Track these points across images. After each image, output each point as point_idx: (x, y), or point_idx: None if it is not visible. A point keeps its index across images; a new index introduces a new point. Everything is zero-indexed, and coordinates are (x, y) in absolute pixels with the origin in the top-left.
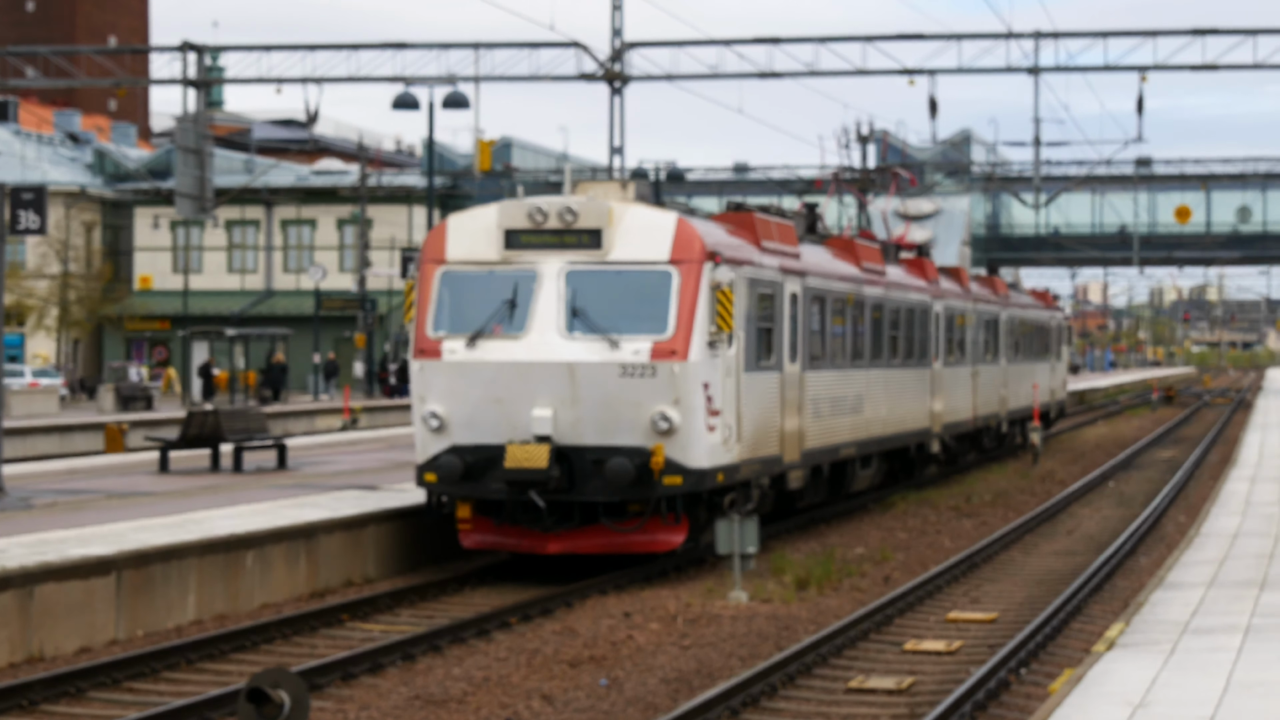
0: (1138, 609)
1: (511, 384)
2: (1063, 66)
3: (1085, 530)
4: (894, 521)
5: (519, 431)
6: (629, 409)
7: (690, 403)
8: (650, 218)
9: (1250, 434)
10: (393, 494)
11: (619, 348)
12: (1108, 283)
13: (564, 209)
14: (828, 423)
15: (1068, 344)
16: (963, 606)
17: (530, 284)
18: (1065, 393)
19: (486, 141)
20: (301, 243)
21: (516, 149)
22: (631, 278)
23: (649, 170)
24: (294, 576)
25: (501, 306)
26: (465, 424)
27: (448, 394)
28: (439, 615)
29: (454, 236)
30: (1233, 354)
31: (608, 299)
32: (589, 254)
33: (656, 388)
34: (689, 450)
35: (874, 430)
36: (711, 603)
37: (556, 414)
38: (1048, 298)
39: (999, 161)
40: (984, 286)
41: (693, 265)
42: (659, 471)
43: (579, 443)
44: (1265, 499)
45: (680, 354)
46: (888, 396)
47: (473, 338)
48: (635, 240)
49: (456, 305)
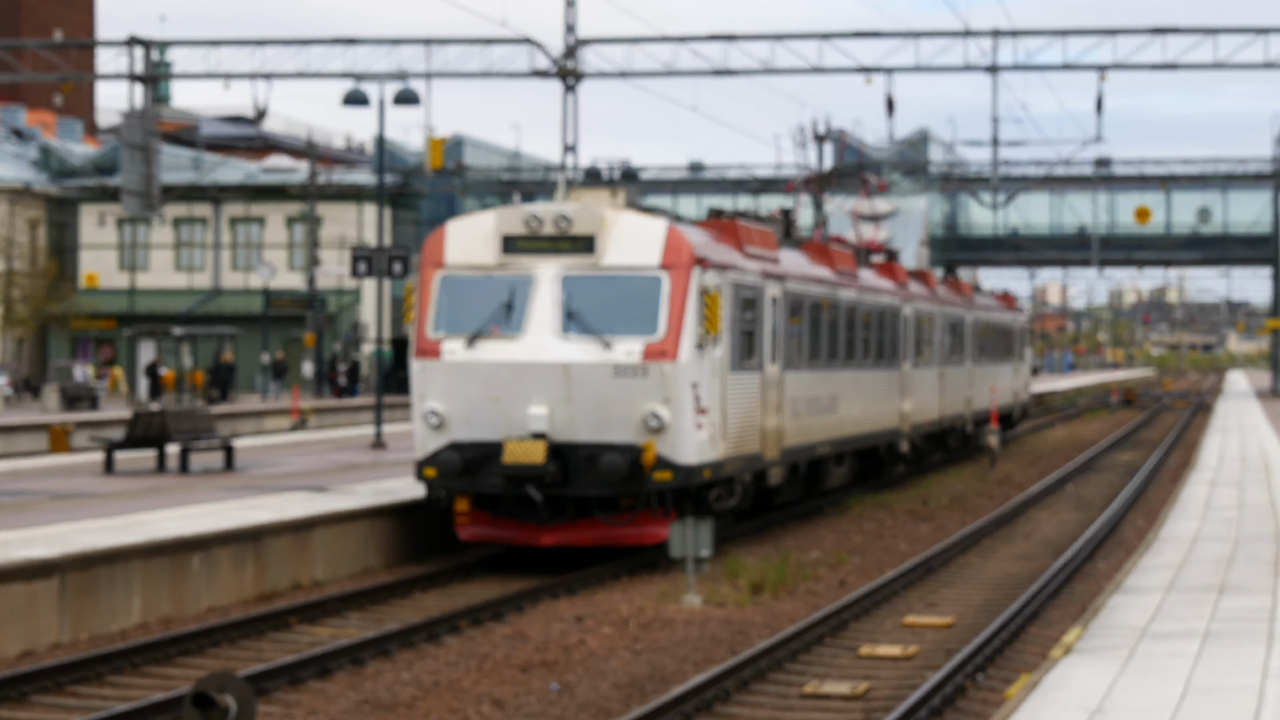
0: (1095, 614)
1: (509, 383)
2: (1021, 65)
3: (1043, 534)
4: (850, 525)
5: (516, 429)
6: (621, 407)
7: (680, 402)
8: (641, 225)
9: (1210, 437)
10: (342, 496)
11: (612, 349)
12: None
13: (559, 216)
14: (805, 422)
15: (1030, 346)
16: (919, 611)
17: (527, 287)
18: (1029, 394)
19: (438, 139)
20: (250, 241)
21: (469, 147)
22: (624, 282)
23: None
24: (241, 579)
25: (499, 309)
26: (464, 421)
27: (447, 392)
28: (388, 619)
29: (453, 241)
30: (1193, 356)
31: (601, 302)
32: (583, 259)
33: (648, 387)
34: (678, 447)
35: (847, 430)
36: (665, 607)
37: (552, 412)
38: (1010, 300)
39: (957, 161)
40: (950, 289)
41: (682, 270)
42: (650, 467)
43: (573, 439)
44: (1225, 503)
45: (670, 355)
46: (860, 397)
47: (471, 338)
48: (627, 246)
49: (455, 307)
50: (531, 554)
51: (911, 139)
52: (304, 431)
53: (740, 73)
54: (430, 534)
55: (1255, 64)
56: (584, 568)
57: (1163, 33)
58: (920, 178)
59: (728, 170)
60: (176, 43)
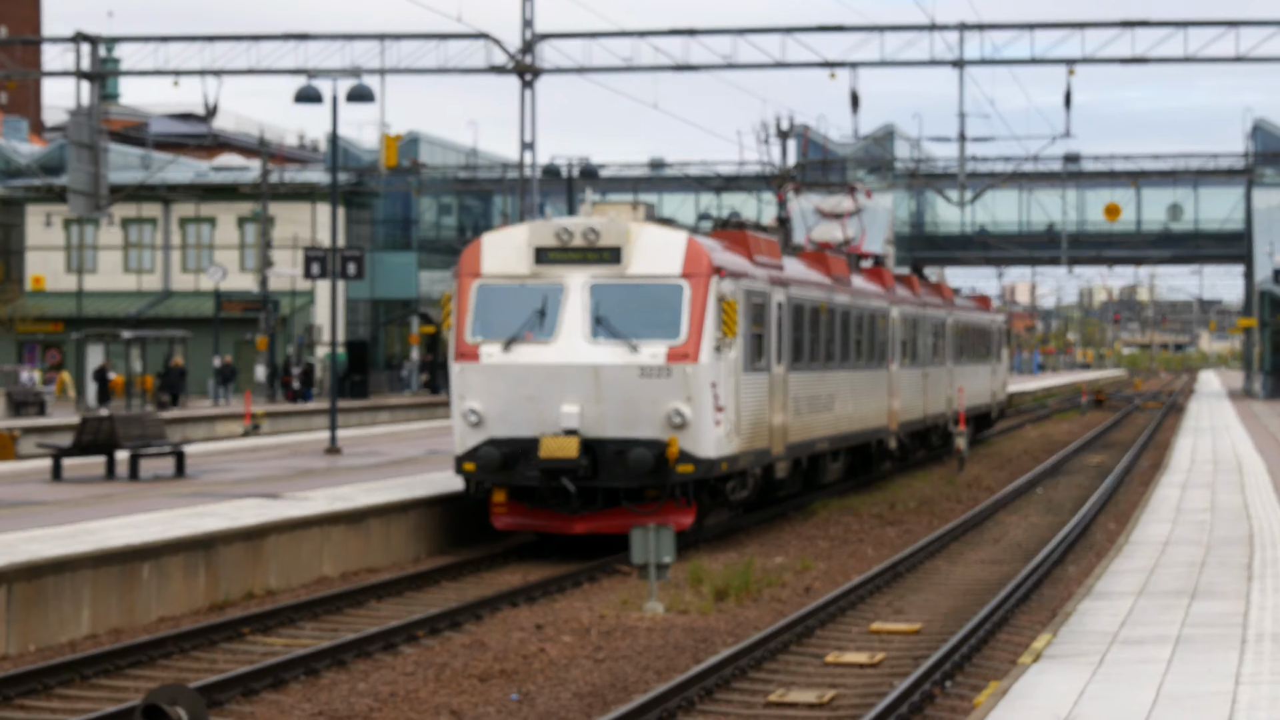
0: (1065, 619)
1: (543, 384)
2: (988, 59)
3: (1012, 538)
4: (815, 530)
5: (549, 426)
6: (647, 405)
7: (700, 400)
8: (663, 236)
9: (1182, 438)
10: (295, 502)
11: (638, 352)
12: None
13: (588, 229)
14: (806, 419)
15: (1007, 346)
16: (886, 617)
17: (558, 295)
18: (1006, 393)
19: (393, 137)
20: (201, 241)
21: (424, 144)
22: (648, 290)
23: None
24: (192, 589)
25: (533, 315)
26: (501, 419)
27: (485, 393)
28: (344, 628)
29: (488, 253)
30: (1164, 356)
31: (627, 308)
32: (610, 269)
33: (671, 387)
34: (699, 441)
35: (843, 427)
36: (626, 614)
37: (583, 410)
38: (987, 302)
39: (923, 158)
40: (932, 292)
41: (702, 279)
42: (674, 460)
43: (602, 435)
44: (1197, 505)
45: (692, 357)
46: (854, 396)
47: (507, 343)
48: (651, 257)
49: (492, 314)
50: (563, 542)
51: (877, 135)
52: (256, 437)
53: (701, 68)
54: (384, 542)
55: (1227, 57)
56: (610, 554)
57: (1132, 26)
58: (886, 174)
59: (689, 167)
60: (124, 38)
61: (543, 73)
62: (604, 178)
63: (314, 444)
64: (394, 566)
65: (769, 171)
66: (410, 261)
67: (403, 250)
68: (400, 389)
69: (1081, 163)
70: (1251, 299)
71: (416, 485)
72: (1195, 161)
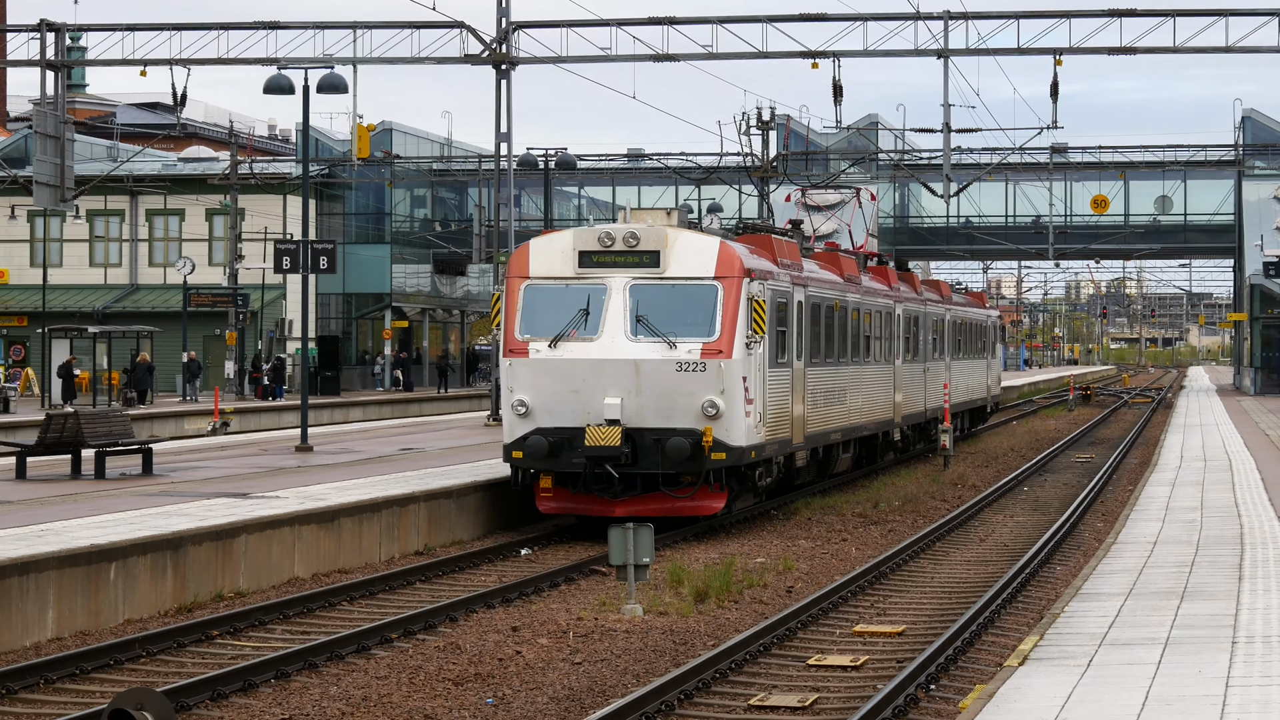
0: (1053, 621)
1: (587, 377)
2: (973, 49)
3: (998, 538)
4: (797, 529)
5: (593, 416)
6: (684, 398)
7: (733, 393)
8: (698, 241)
9: (1171, 435)
10: (265, 502)
11: (675, 348)
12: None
13: (629, 234)
14: (822, 411)
15: (1001, 342)
16: (869, 619)
17: (601, 295)
18: (1000, 388)
19: (365, 127)
20: (169, 234)
21: (397, 135)
22: (684, 290)
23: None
24: (160, 590)
25: (577, 314)
26: (547, 410)
27: (533, 386)
28: (315, 631)
29: (535, 256)
30: (1152, 351)
31: (665, 308)
32: (649, 271)
33: (706, 381)
34: (731, 431)
35: (853, 419)
36: (604, 616)
37: (624, 402)
38: (983, 298)
39: (907, 149)
40: (931, 289)
41: (734, 280)
42: (709, 449)
43: (642, 425)
44: (1186, 504)
45: (726, 353)
46: (863, 390)
47: (554, 340)
48: (686, 260)
49: (539, 313)
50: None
51: (860, 126)
52: (226, 434)
53: (681, 58)
54: (356, 543)
55: (1216, 47)
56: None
57: (1120, 15)
58: (869, 166)
59: (668, 159)
60: (90, 27)
61: (519, 62)
62: (582, 169)
63: (284, 441)
64: (367, 567)
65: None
66: (383, 255)
67: (375, 243)
68: (373, 385)
69: (1068, 154)
70: (1241, 293)
71: (389, 483)
72: (1184, 153)
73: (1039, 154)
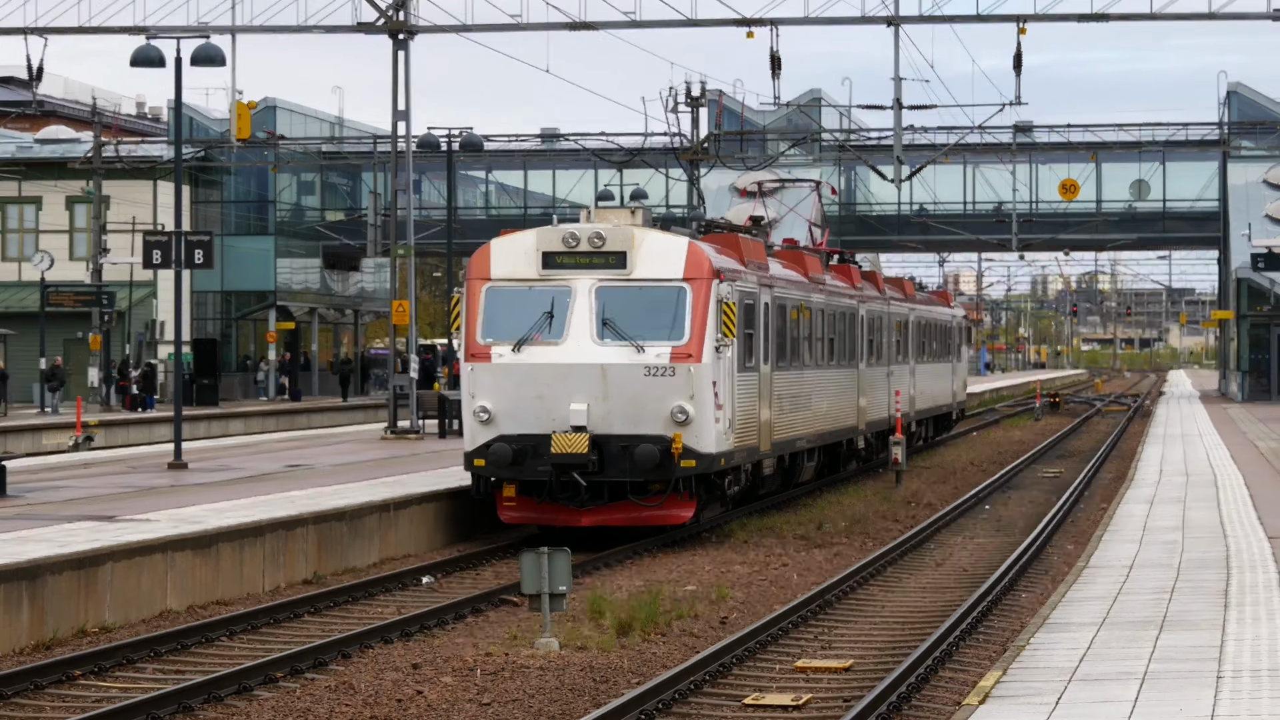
0: (1017, 654)
1: (552, 383)
2: (928, 16)
3: (957, 562)
4: (732, 553)
5: (558, 423)
6: (652, 403)
7: (702, 398)
8: (666, 242)
9: (1149, 447)
10: (134, 525)
11: (644, 352)
12: (983, 270)
13: (594, 234)
14: (789, 417)
15: (967, 344)
16: (813, 653)
17: (565, 298)
18: (965, 394)
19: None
20: (24, 225)
21: (282, 113)
22: (652, 293)
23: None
24: (14, 625)
25: (541, 317)
26: (511, 416)
27: (495, 391)
28: (190, 670)
29: (496, 257)
30: (1129, 353)
31: (632, 310)
32: (615, 273)
33: (675, 386)
34: (701, 438)
35: (819, 426)
36: (516, 651)
37: (590, 408)
38: (948, 297)
39: (854, 128)
40: (894, 288)
41: (703, 282)
42: (678, 455)
43: (609, 432)
44: (1166, 523)
45: (695, 357)
46: (829, 395)
47: (517, 344)
48: (654, 261)
49: (501, 316)
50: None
51: (801, 102)
52: (90, 450)
53: (599, 26)
54: (238, 571)
55: (1199, 14)
56: (618, 545)
57: None
58: (812, 147)
59: (587, 139)
60: None
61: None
62: (490, 151)
63: (156, 458)
64: (249, 598)
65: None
66: (267, 248)
67: (258, 235)
68: (255, 394)
69: (1034, 134)
70: (1227, 288)
71: (274, 505)
72: (1163, 132)
73: (1001, 133)
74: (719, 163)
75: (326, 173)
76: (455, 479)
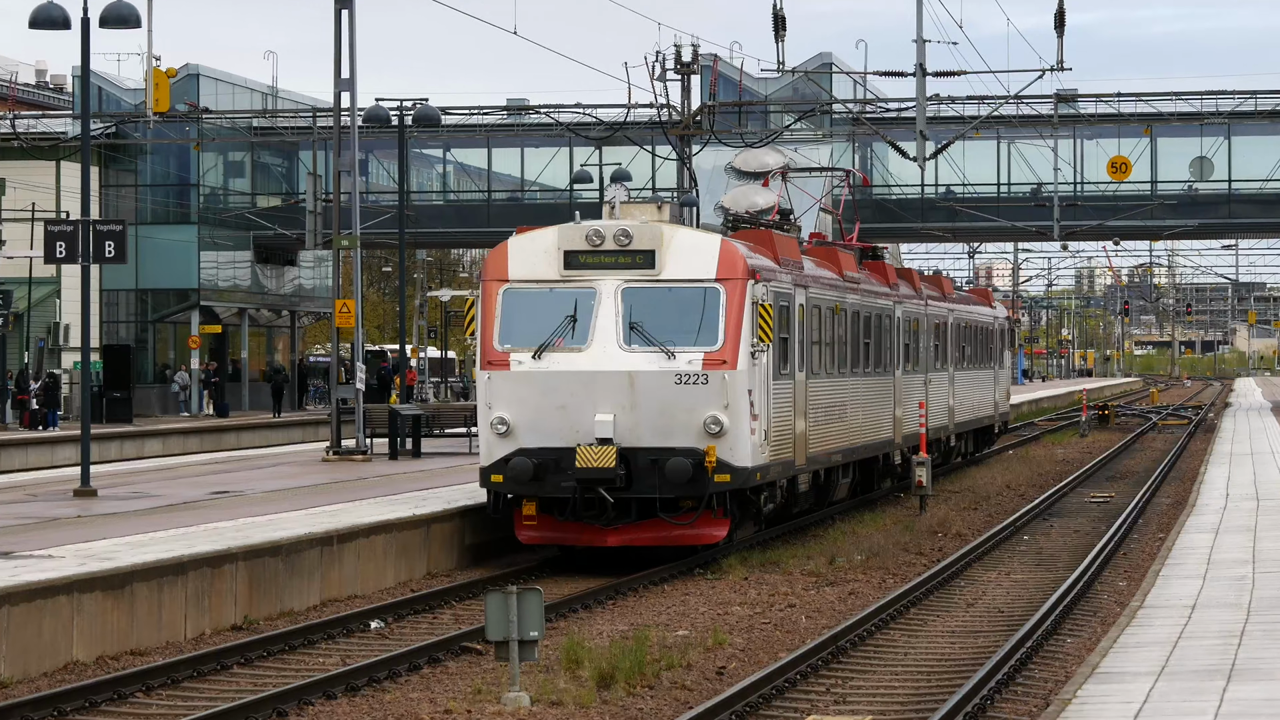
0: (1062, 708)
1: (576, 392)
2: None
3: (990, 602)
4: (730, 592)
5: (583, 435)
6: (683, 413)
7: (738, 408)
8: (697, 239)
9: (1213, 467)
10: (34, 562)
11: (674, 358)
12: (1019, 263)
13: (619, 232)
14: (823, 430)
15: (1010, 348)
16: (825, 708)
17: (590, 301)
18: (1009, 404)
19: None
20: None
21: (206, 82)
22: (683, 294)
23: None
24: None
25: (564, 321)
26: (531, 429)
27: (514, 401)
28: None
29: (515, 257)
30: (1189, 358)
31: (661, 314)
32: (643, 273)
33: (708, 394)
34: (736, 450)
35: (853, 439)
36: (480, 708)
37: (617, 418)
38: (989, 295)
39: (870, 98)
40: (931, 286)
41: (738, 283)
42: (712, 469)
43: (637, 444)
44: (1233, 555)
45: (730, 364)
46: (863, 405)
47: (538, 350)
48: (684, 260)
49: (521, 320)
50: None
51: (809, 68)
52: None
53: None
54: (155, 615)
55: None
56: (641, 569)
57: None
58: (821, 121)
59: (560, 112)
60: None
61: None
62: (448, 126)
63: (60, 483)
64: (169, 647)
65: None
66: (189, 239)
67: (179, 224)
68: (176, 409)
69: (1078, 105)
70: None
71: (198, 537)
72: (1228, 102)
73: (1041, 104)
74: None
75: (258, 151)
76: (408, 507)
